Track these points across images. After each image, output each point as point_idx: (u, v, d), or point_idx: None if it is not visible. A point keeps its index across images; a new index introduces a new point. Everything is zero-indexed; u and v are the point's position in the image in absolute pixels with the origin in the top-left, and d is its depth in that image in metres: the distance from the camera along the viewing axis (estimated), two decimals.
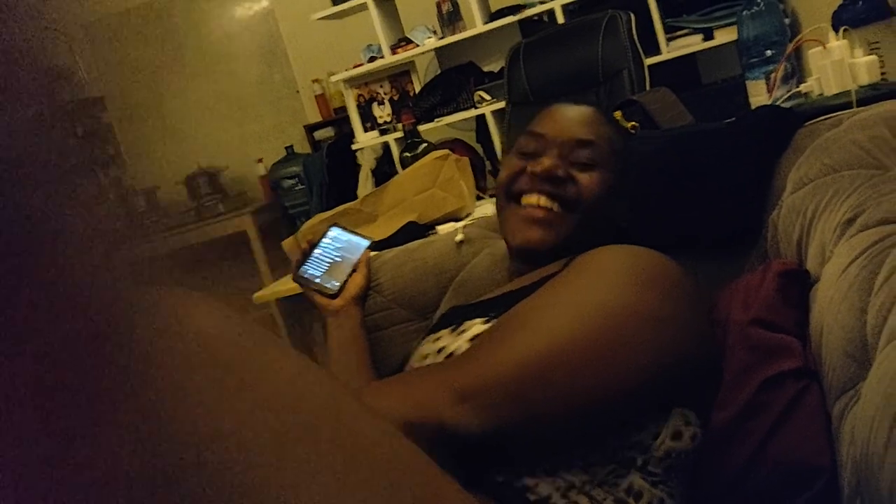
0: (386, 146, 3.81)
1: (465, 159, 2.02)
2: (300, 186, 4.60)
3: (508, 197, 1.14)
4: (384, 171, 3.78)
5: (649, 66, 2.88)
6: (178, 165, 5.08)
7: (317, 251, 1.44)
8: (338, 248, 1.46)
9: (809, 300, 1.01)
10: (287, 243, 1.91)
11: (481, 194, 2.53)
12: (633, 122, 1.71)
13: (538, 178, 1.08)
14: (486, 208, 2.15)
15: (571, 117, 1.15)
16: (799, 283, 1.04)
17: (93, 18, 5.18)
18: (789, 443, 0.88)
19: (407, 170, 2.00)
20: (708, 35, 3.25)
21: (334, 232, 1.49)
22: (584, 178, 1.09)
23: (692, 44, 3.29)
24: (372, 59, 3.72)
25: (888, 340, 0.70)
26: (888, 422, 0.62)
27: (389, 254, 1.56)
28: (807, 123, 1.30)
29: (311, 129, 5.01)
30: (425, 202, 1.90)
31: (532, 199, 1.09)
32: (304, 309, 3.55)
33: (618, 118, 1.74)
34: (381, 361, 1.42)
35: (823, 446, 0.85)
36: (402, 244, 1.61)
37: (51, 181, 0.39)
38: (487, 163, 3.76)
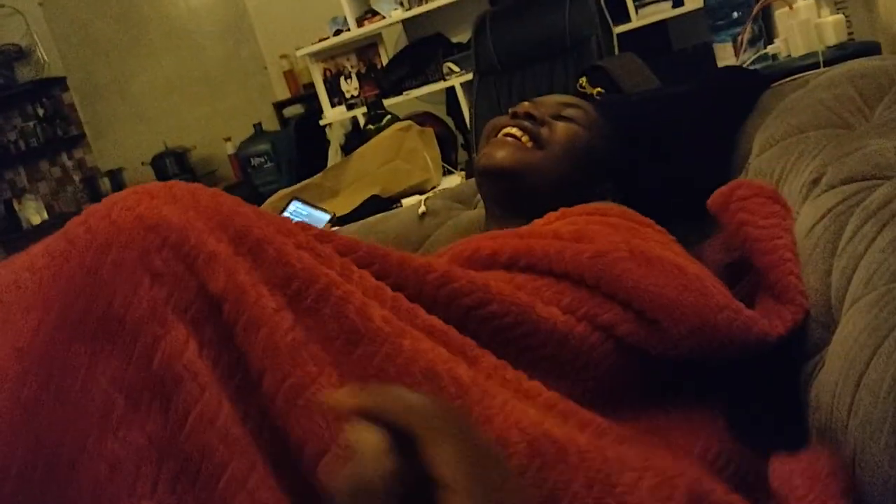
0: (355, 121, 3.74)
1: (430, 130, 1.98)
2: (269, 164, 4.53)
3: (488, 137, 1.17)
4: (354, 146, 3.71)
5: (620, 34, 2.84)
6: (144, 146, 4.98)
7: None
8: (298, 221, 1.43)
9: None
10: None
11: (451, 168, 2.49)
12: (598, 88, 1.68)
13: (517, 116, 1.13)
14: (454, 181, 2.11)
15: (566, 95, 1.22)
16: None
17: None
18: None
19: (369, 142, 1.95)
20: (677, 1, 3.21)
21: (295, 206, 1.45)
22: (560, 125, 1.13)
23: (662, 10, 3.25)
24: (338, 32, 3.64)
25: (851, 303, 0.67)
26: (850, 387, 0.59)
27: (351, 228, 1.52)
28: (773, 85, 1.27)
29: (280, 105, 4.93)
30: (388, 175, 1.85)
31: (506, 129, 1.13)
32: None
33: (583, 84, 1.70)
34: None
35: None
36: (365, 218, 1.57)
37: None
38: (459, 135, 3.72)
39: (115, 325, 0.54)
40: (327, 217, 1.44)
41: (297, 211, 1.43)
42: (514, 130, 1.11)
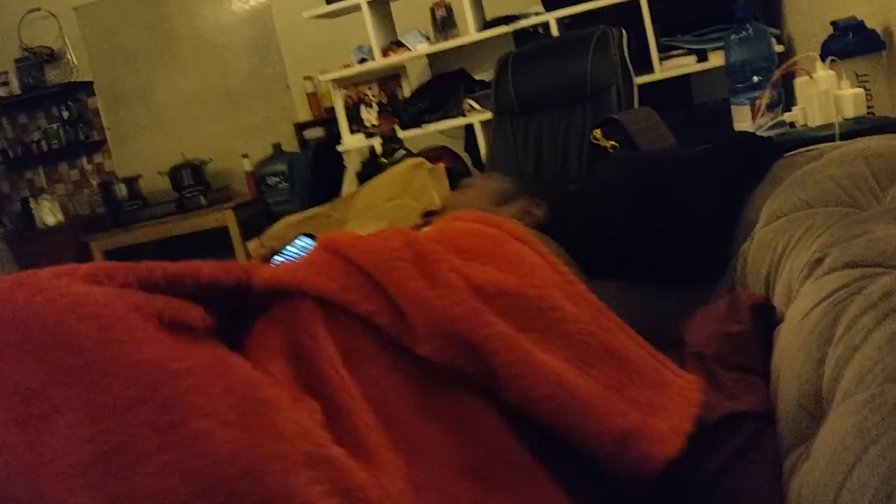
0: (373, 149, 3.75)
1: (441, 168, 1.97)
2: (285, 184, 4.55)
3: None
4: (370, 174, 3.71)
5: (642, 85, 2.84)
6: (162, 155, 5.01)
7: (279, 256, 1.40)
8: (302, 256, 1.43)
9: (774, 339, 0.96)
10: (252, 245, 1.86)
11: None
12: (613, 142, 1.67)
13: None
14: None
15: None
16: (766, 320, 1.00)
17: (84, 2, 5.11)
18: (739, 486, 0.83)
19: (379, 176, 1.95)
20: (701, 56, 3.21)
21: (303, 241, 1.45)
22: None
23: (685, 64, 3.25)
24: (362, 61, 3.66)
25: (842, 398, 0.65)
26: (833, 489, 0.57)
27: None
28: (786, 154, 1.25)
29: (300, 127, 4.95)
30: (396, 210, 1.84)
31: None
32: None
33: (597, 136, 1.69)
34: None
35: (773, 494, 0.80)
36: None
37: None
38: (475, 172, 3.71)
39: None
40: None
41: (304, 246, 1.43)
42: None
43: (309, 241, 1.45)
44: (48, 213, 4.97)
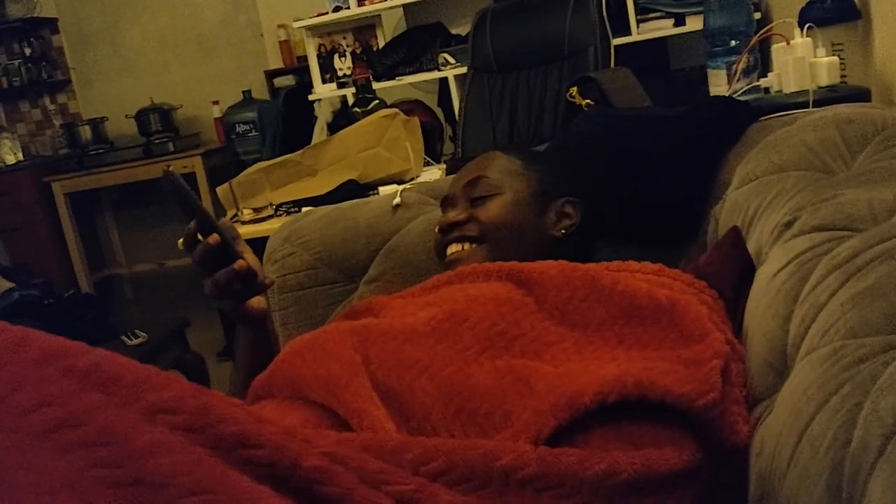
0: (344, 99, 3.71)
1: (415, 120, 1.95)
2: (254, 132, 4.48)
3: (440, 256, 1.22)
4: (341, 124, 3.67)
5: (619, 47, 2.83)
6: (130, 99, 4.90)
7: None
8: None
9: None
10: (221, 190, 1.83)
11: (433, 161, 2.47)
12: (588, 100, 1.67)
13: (445, 231, 1.20)
14: (434, 174, 2.09)
15: (464, 169, 1.27)
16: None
17: None
18: None
19: (352, 126, 1.93)
20: (680, 20, 3.20)
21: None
22: (483, 211, 1.17)
23: (663, 27, 3.24)
24: (337, 9, 3.60)
25: (806, 353, 0.66)
26: (794, 438, 0.59)
27: (323, 210, 1.50)
28: (761, 119, 1.26)
29: (271, 75, 4.87)
30: (368, 161, 1.82)
31: (448, 249, 1.19)
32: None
33: (573, 94, 1.69)
34: (302, 322, 1.37)
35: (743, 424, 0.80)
36: (339, 202, 1.55)
37: None
38: (448, 127, 3.69)
39: None
40: None
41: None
42: (453, 248, 1.18)
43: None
44: (8, 152, 4.85)
